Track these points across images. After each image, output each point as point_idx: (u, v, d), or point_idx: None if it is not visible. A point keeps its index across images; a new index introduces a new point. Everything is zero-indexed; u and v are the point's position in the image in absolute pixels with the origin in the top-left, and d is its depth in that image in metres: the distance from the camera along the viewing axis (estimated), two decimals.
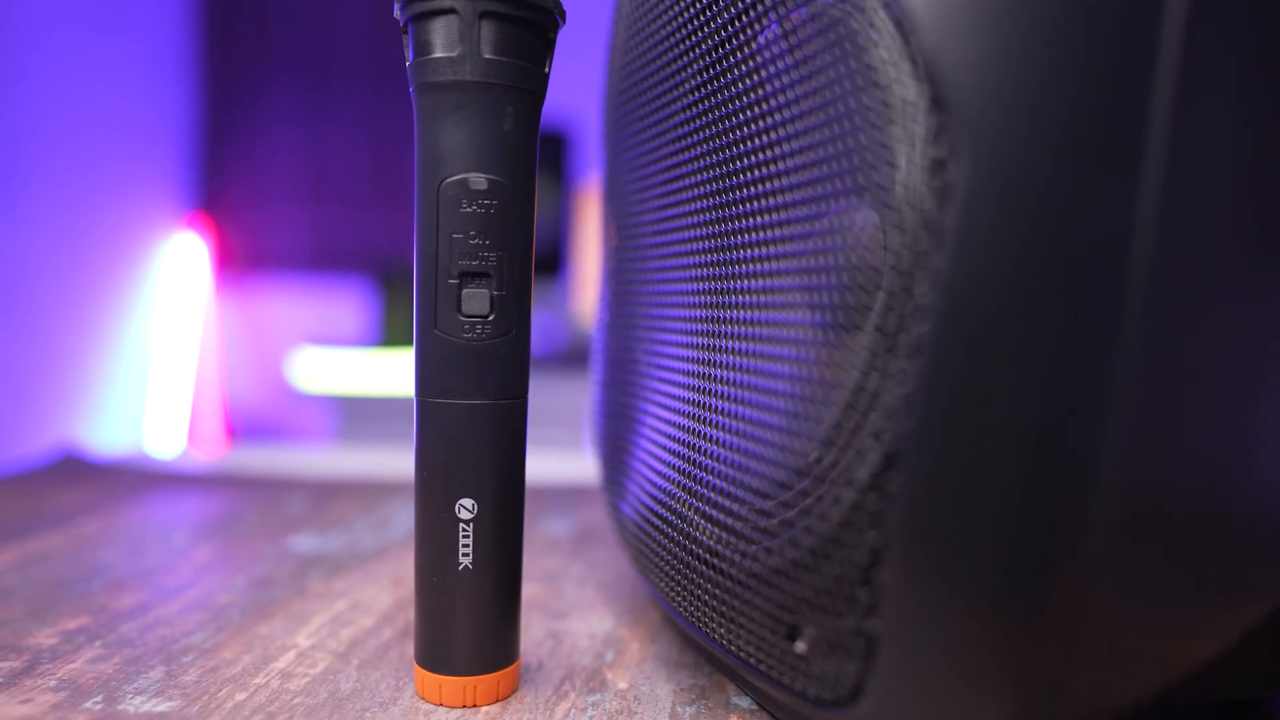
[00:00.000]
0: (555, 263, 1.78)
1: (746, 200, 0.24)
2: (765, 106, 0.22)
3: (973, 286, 0.17)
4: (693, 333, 0.27)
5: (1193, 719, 0.26)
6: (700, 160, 0.26)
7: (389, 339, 1.65)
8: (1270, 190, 0.18)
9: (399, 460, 0.71)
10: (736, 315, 0.24)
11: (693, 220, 0.27)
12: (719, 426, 0.25)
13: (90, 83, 1.81)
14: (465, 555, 0.25)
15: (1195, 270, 0.17)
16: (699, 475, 0.26)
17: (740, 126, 0.24)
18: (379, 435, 1.57)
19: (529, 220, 0.25)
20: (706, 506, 0.25)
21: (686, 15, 0.26)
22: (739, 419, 0.24)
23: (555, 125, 1.76)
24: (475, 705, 0.25)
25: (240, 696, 0.26)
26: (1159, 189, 0.17)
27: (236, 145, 2.15)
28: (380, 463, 0.70)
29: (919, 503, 0.18)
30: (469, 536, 0.25)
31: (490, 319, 0.24)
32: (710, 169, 0.25)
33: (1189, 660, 0.21)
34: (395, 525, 0.48)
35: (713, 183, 0.25)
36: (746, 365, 0.24)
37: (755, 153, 0.23)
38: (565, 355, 1.59)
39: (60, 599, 0.34)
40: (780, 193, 0.22)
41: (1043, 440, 0.17)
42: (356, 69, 2.11)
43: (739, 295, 0.24)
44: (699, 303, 0.26)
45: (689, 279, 0.27)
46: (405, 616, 0.33)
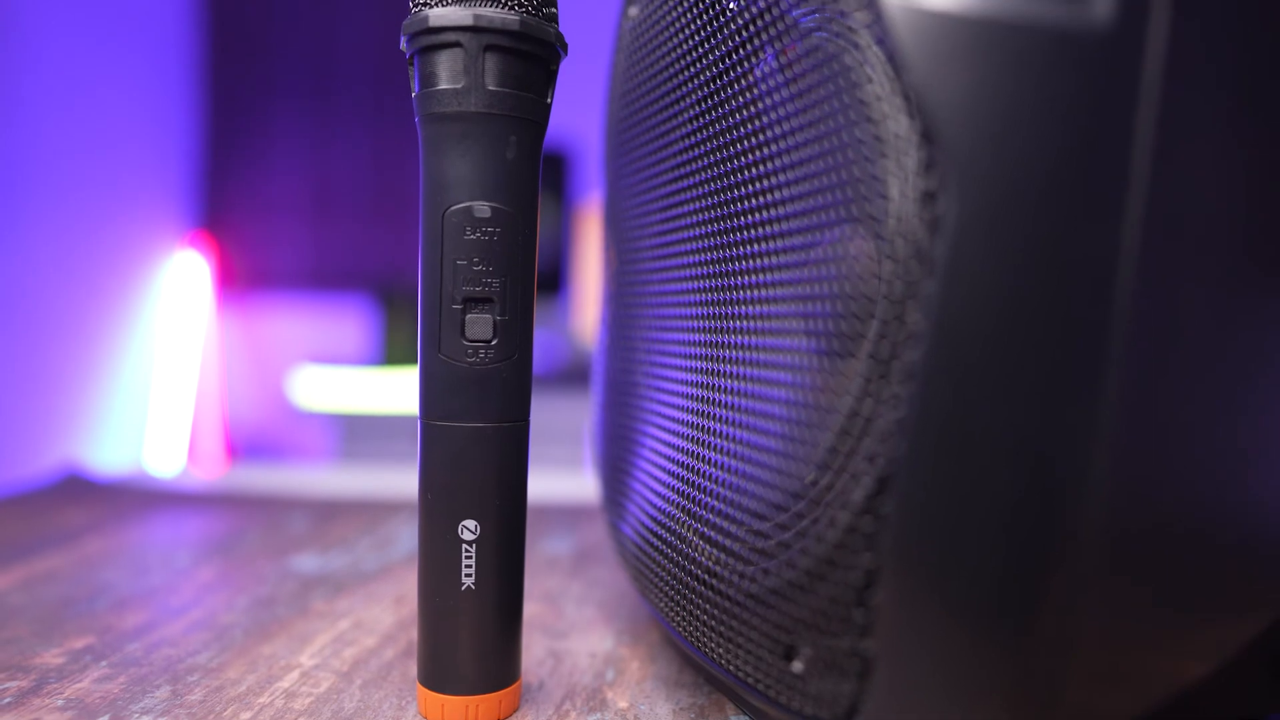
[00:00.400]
0: (556, 282, 1.79)
1: (744, 228, 0.24)
2: (762, 137, 0.23)
3: (963, 314, 0.18)
4: (692, 356, 0.27)
5: None
6: (699, 188, 0.27)
7: (390, 358, 1.65)
8: (1249, 219, 0.19)
9: (400, 479, 0.71)
10: (734, 340, 0.25)
11: (692, 246, 0.27)
12: (717, 449, 0.25)
13: (93, 102, 1.83)
14: (468, 576, 0.25)
15: (1178, 298, 0.18)
16: (698, 497, 0.26)
17: (737, 156, 0.24)
18: (379, 454, 1.58)
19: (531, 247, 0.25)
20: (705, 528, 0.26)
21: (685, 47, 0.27)
22: (737, 442, 0.24)
23: (555, 146, 1.77)
24: None
25: (245, 716, 0.26)
26: (1142, 220, 0.17)
27: (239, 164, 2.17)
28: (381, 482, 0.70)
29: (912, 525, 0.18)
30: (472, 557, 0.25)
31: (493, 343, 0.25)
32: (708, 196, 0.26)
33: (1182, 678, 0.21)
34: (397, 545, 0.48)
35: (711, 210, 0.26)
36: (744, 389, 0.24)
37: (752, 182, 0.24)
38: (565, 374, 1.59)
39: (66, 618, 0.34)
40: (776, 221, 0.22)
41: (1031, 463, 0.18)
42: (358, 89, 2.12)
43: (737, 321, 0.25)
44: (698, 327, 0.27)
45: (688, 304, 0.28)
46: (408, 636, 0.33)
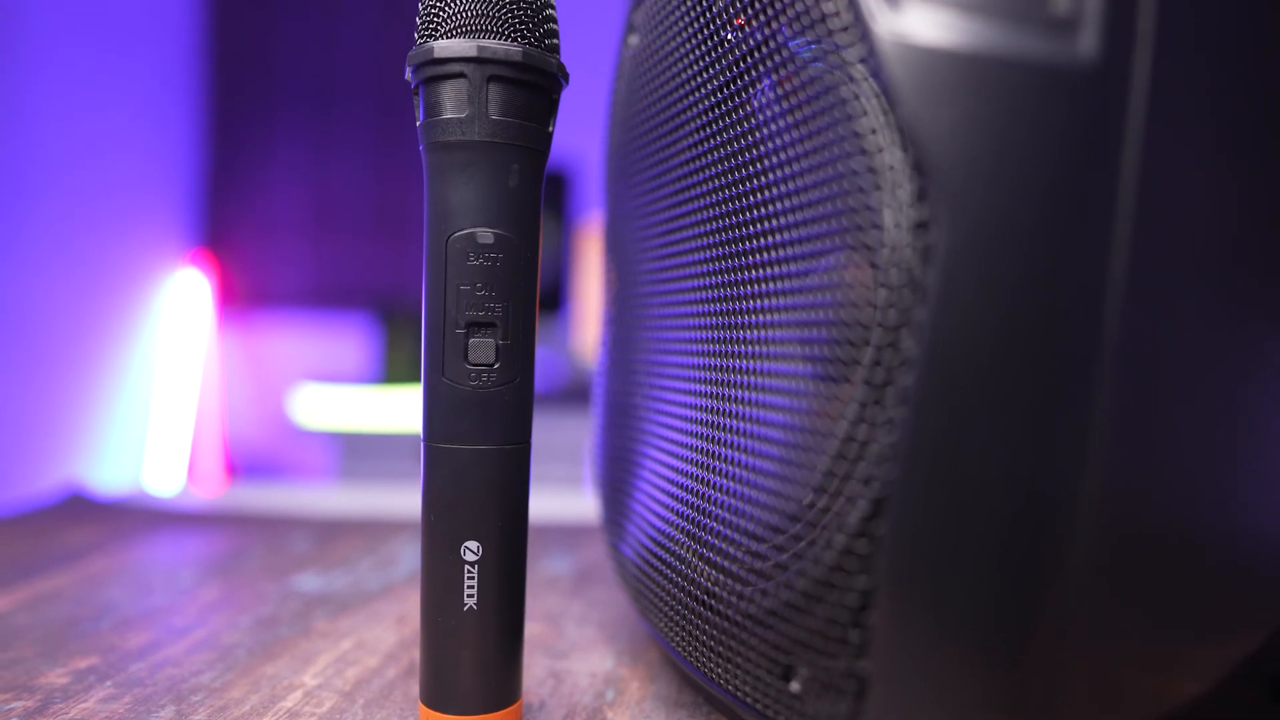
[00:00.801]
0: (556, 300, 1.80)
1: (742, 254, 0.25)
2: (760, 165, 0.24)
3: (954, 341, 0.18)
4: (691, 379, 0.28)
5: None
6: (698, 214, 0.27)
7: (390, 376, 1.66)
8: (1234, 246, 0.19)
9: (400, 499, 0.72)
10: (733, 364, 0.25)
11: (691, 270, 0.28)
12: (716, 471, 0.26)
13: (96, 121, 1.84)
14: (470, 596, 0.25)
15: (1166, 326, 0.18)
16: (697, 518, 0.27)
17: (736, 184, 0.25)
18: (380, 472, 1.58)
19: (533, 272, 0.26)
20: (704, 549, 0.26)
21: (685, 76, 0.27)
22: (735, 464, 0.25)
23: (556, 165, 1.79)
24: None
25: None
26: (1129, 250, 0.18)
27: (240, 182, 2.18)
28: (382, 501, 0.70)
29: (906, 547, 0.19)
30: (474, 578, 0.25)
31: (496, 367, 0.25)
32: (708, 222, 0.27)
33: (1176, 697, 0.22)
34: (398, 565, 0.49)
35: (710, 235, 0.26)
36: (743, 412, 0.25)
37: (750, 209, 0.24)
38: (565, 392, 1.59)
39: (70, 638, 0.35)
40: (774, 248, 0.23)
41: (1022, 486, 0.18)
42: (360, 107, 2.13)
43: (735, 345, 0.25)
44: (697, 351, 0.27)
45: (688, 327, 0.28)
46: (410, 656, 0.34)
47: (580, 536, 0.57)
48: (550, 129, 0.26)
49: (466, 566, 0.25)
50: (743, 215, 0.24)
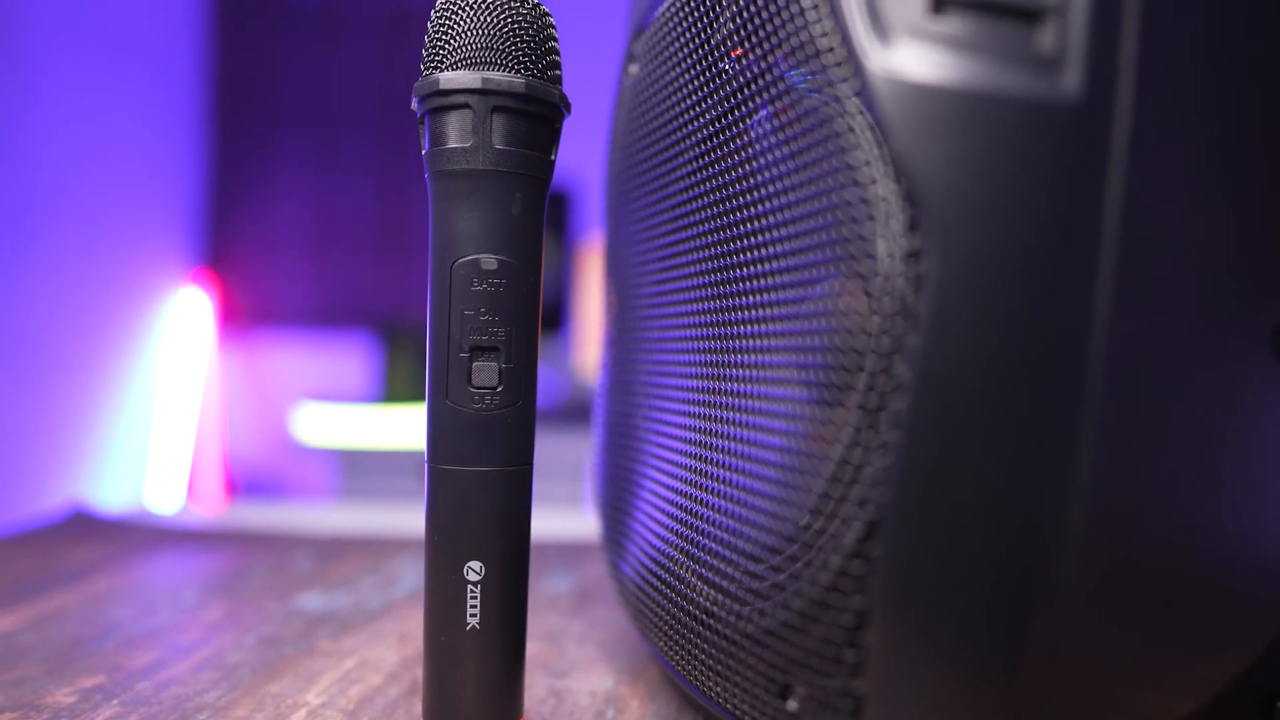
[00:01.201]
0: (557, 319, 1.80)
1: (739, 280, 0.25)
2: (757, 194, 0.24)
3: (946, 367, 0.19)
4: (690, 401, 0.28)
5: None
6: (697, 239, 0.28)
7: (391, 395, 1.66)
8: (1215, 274, 0.20)
9: (401, 517, 0.72)
10: (731, 387, 0.26)
11: (690, 295, 0.28)
12: (715, 492, 0.26)
13: (98, 140, 1.85)
14: (473, 616, 0.26)
15: (1151, 353, 0.19)
16: (695, 539, 0.27)
17: (733, 211, 0.25)
18: (381, 491, 1.58)
19: (535, 297, 0.26)
20: (703, 569, 0.26)
21: (683, 105, 0.28)
22: (734, 486, 0.25)
23: (557, 185, 1.80)
24: None
25: None
26: (1114, 279, 0.18)
27: (242, 201, 2.19)
28: (383, 519, 0.71)
29: (900, 568, 0.19)
30: (476, 598, 0.26)
31: (499, 390, 0.26)
32: (706, 248, 0.27)
33: (1168, 716, 0.22)
34: (400, 583, 0.49)
35: (708, 261, 0.27)
36: (741, 435, 0.25)
37: (747, 236, 0.25)
38: (566, 411, 1.60)
39: (76, 657, 0.35)
40: (770, 275, 0.23)
41: (1012, 509, 0.19)
42: (362, 127, 2.15)
43: (733, 369, 0.26)
44: (696, 374, 0.28)
45: (686, 350, 0.29)
46: (412, 674, 0.34)
47: (581, 555, 0.57)
48: (553, 157, 0.26)
49: (469, 586, 0.26)
50: (740, 242, 0.25)
